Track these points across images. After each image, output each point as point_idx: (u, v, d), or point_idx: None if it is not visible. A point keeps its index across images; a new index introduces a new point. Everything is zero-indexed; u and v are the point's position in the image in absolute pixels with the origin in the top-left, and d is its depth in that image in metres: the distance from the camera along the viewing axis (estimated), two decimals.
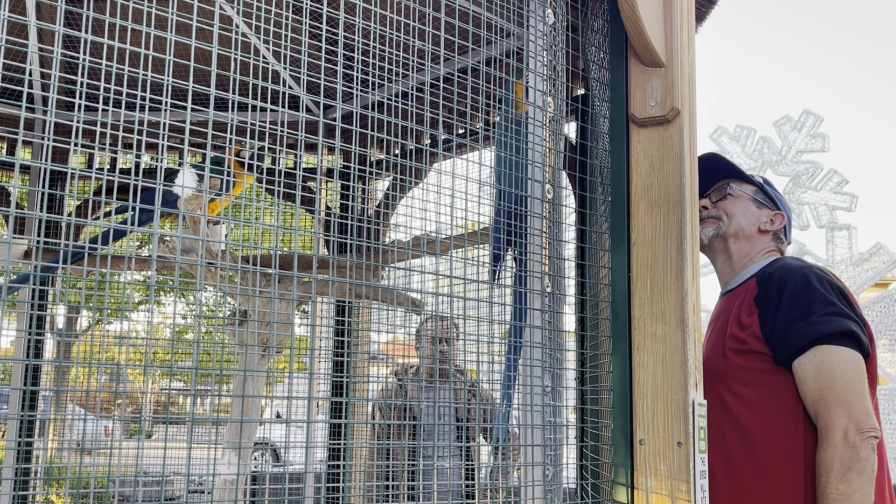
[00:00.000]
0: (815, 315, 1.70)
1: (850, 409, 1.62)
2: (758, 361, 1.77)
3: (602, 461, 1.70)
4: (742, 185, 2.09)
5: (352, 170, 3.88)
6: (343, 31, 1.54)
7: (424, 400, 3.36)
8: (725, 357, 1.82)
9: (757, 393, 1.77)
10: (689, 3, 1.76)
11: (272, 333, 2.23)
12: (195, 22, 1.28)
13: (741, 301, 1.88)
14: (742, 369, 1.79)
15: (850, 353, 1.68)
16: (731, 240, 2.04)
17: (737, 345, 1.81)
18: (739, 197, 2.07)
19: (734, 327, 1.84)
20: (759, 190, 2.08)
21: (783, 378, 1.75)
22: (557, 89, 1.85)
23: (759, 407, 1.76)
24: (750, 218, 2.04)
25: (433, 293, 1.68)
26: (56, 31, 1.17)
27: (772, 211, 2.06)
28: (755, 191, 2.08)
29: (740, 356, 1.80)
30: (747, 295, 1.87)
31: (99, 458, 4.77)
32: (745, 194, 2.07)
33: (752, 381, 1.77)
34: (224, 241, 2.40)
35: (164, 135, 1.25)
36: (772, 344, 1.76)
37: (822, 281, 1.77)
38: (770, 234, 2.04)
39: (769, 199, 2.07)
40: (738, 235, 2.04)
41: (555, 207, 1.81)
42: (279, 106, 1.38)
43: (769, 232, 2.04)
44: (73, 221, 1.23)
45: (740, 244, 2.03)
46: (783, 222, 2.06)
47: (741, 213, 2.05)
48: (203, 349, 3.02)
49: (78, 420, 4.74)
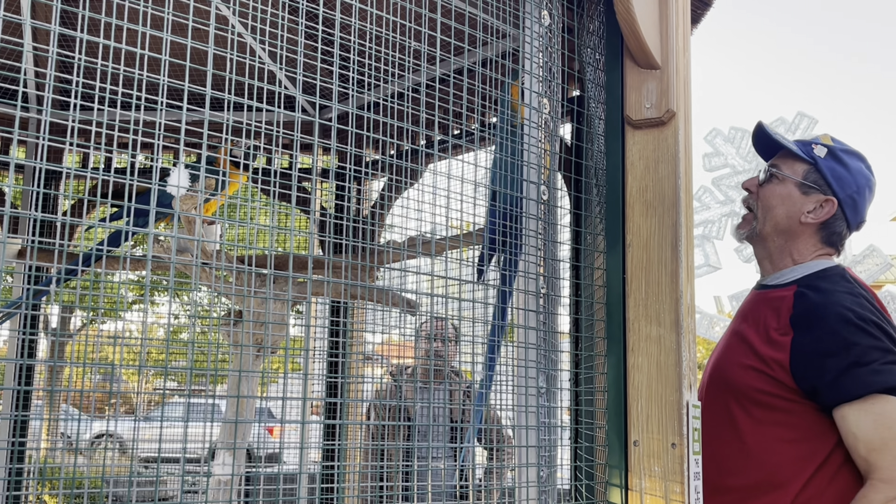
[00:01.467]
0: (877, 363, 1.62)
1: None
2: (778, 388, 1.70)
3: (596, 462, 1.70)
4: (793, 164, 1.86)
5: (347, 170, 3.88)
6: (339, 32, 1.54)
7: (419, 401, 3.36)
8: (744, 371, 1.74)
9: (769, 416, 1.71)
10: (685, 6, 1.76)
11: (267, 334, 2.22)
12: (191, 22, 1.28)
13: (774, 310, 1.76)
14: (758, 391, 1.72)
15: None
16: (769, 237, 1.87)
17: (760, 366, 1.72)
18: (784, 181, 1.85)
19: (761, 343, 1.74)
20: (812, 169, 1.83)
21: (802, 411, 1.69)
22: (553, 91, 1.85)
23: (767, 431, 1.71)
24: (789, 208, 1.83)
25: (428, 294, 1.68)
26: (52, 31, 1.17)
27: (822, 196, 1.82)
28: (806, 171, 1.84)
29: (760, 377, 1.72)
30: (782, 306, 1.75)
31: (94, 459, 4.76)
32: (791, 177, 1.84)
33: (766, 404, 1.71)
34: (219, 241, 2.40)
35: (160, 135, 1.25)
36: (801, 379, 1.66)
37: (868, 322, 1.65)
38: (815, 226, 1.83)
39: (823, 179, 1.82)
40: (775, 230, 1.86)
41: (550, 209, 1.81)
42: (275, 106, 1.38)
43: (813, 224, 1.82)
44: (69, 221, 1.23)
45: (778, 241, 1.86)
46: (833, 209, 1.81)
47: (780, 202, 1.84)
48: (198, 349, 3.02)
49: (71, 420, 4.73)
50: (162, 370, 3.22)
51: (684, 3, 1.75)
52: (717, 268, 8.88)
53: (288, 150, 4.13)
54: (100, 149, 1.10)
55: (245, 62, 1.44)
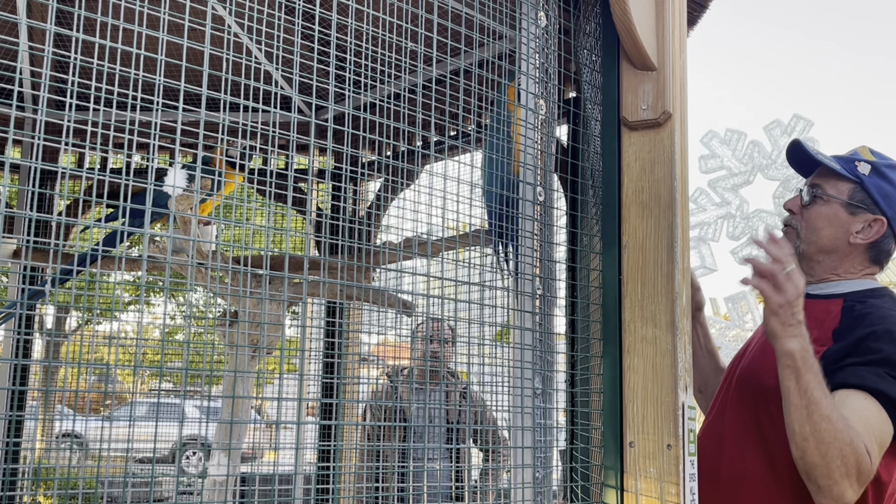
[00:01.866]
0: (884, 370, 1.56)
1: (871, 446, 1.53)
2: None
3: (592, 463, 1.70)
4: (837, 183, 1.78)
5: (343, 171, 3.88)
6: (335, 33, 1.54)
7: (415, 402, 3.36)
8: (775, 377, 1.63)
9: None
10: (682, 7, 1.76)
11: (262, 334, 2.22)
12: (187, 22, 1.28)
13: (815, 320, 1.68)
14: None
15: (887, 420, 1.56)
16: (813, 258, 1.80)
17: None
18: (829, 202, 1.78)
19: None
20: (858, 188, 1.76)
21: None
22: (549, 92, 1.85)
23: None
24: (836, 230, 1.76)
25: (424, 295, 1.68)
26: (47, 31, 1.17)
27: (870, 215, 1.75)
28: (852, 191, 1.76)
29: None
30: (826, 319, 1.70)
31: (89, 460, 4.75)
32: (837, 198, 1.77)
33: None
34: (215, 241, 2.40)
35: (156, 135, 1.25)
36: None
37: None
38: (864, 246, 1.77)
39: (870, 198, 1.75)
40: (820, 251, 1.79)
41: (546, 210, 1.81)
42: (271, 106, 1.38)
43: (862, 244, 1.76)
44: (64, 221, 1.23)
45: (823, 261, 1.80)
46: (883, 228, 1.75)
47: (826, 224, 1.77)
48: (193, 350, 3.01)
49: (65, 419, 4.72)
50: (157, 370, 3.21)
51: (680, 5, 1.75)
52: (713, 270, 8.88)
53: (284, 150, 4.13)
54: (95, 149, 1.10)
55: (241, 62, 1.44)
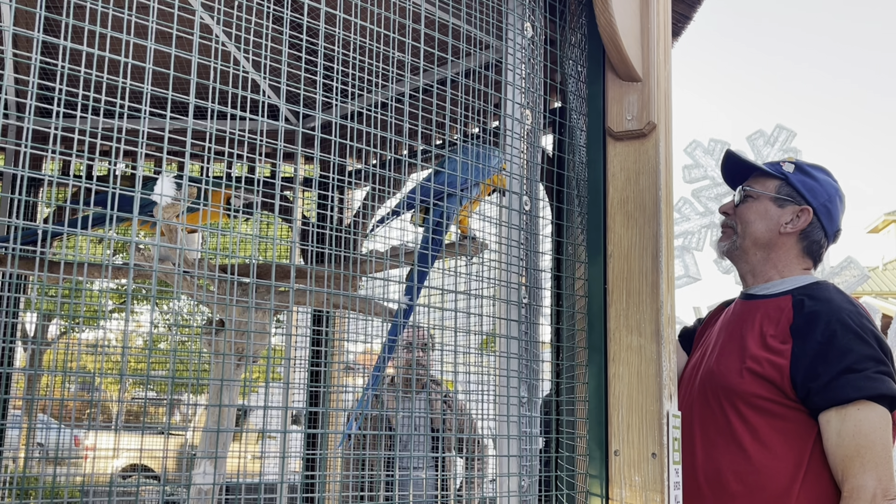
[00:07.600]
0: (870, 371, 1.65)
1: (881, 473, 1.62)
2: (774, 394, 1.73)
3: (577, 472, 1.71)
4: (765, 181, 1.94)
5: (330, 179, 3.88)
6: (323, 42, 1.54)
7: (400, 410, 3.36)
8: (742, 376, 1.76)
9: (766, 422, 1.74)
10: (666, 19, 1.78)
11: (248, 343, 2.22)
12: (175, 31, 1.28)
13: (769, 318, 1.80)
14: (756, 395, 1.74)
15: (887, 415, 1.66)
16: (750, 251, 1.93)
17: (758, 368, 1.75)
18: (759, 198, 1.93)
19: (757, 347, 1.78)
20: (784, 184, 1.92)
21: (795, 417, 1.72)
22: (535, 102, 1.86)
23: (764, 436, 1.73)
24: (768, 223, 1.90)
25: (410, 304, 1.69)
26: (35, 38, 1.17)
27: (797, 206, 1.89)
28: (778, 186, 1.92)
29: (758, 381, 1.74)
30: (780, 317, 1.79)
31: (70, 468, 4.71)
32: (766, 193, 1.92)
33: (763, 409, 1.74)
34: (200, 249, 2.39)
35: (143, 143, 1.25)
36: (798, 386, 1.70)
37: (866, 331, 1.70)
38: (794, 236, 1.90)
39: (795, 191, 1.90)
40: (755, 245, 1.92)
41: (531, 219, 1.82)
42: (258, 115, 1.38)
43: (793, 233, 1.89)
44: (50, 229, 1.23)
45: (760, 253, 1.92)
46: (809, 217, 1.88)
47: (758, 217, 1.91)
48: (178, 359, 3.00)
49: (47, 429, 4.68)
50: (142, 379, 3.19)
51: (665, 17, 1.77)
52: (697, 279, 8.92)
53: (270, 159, 4.12)
54: (82, 157, 1.09)
55: (229, 71, 1.44)
